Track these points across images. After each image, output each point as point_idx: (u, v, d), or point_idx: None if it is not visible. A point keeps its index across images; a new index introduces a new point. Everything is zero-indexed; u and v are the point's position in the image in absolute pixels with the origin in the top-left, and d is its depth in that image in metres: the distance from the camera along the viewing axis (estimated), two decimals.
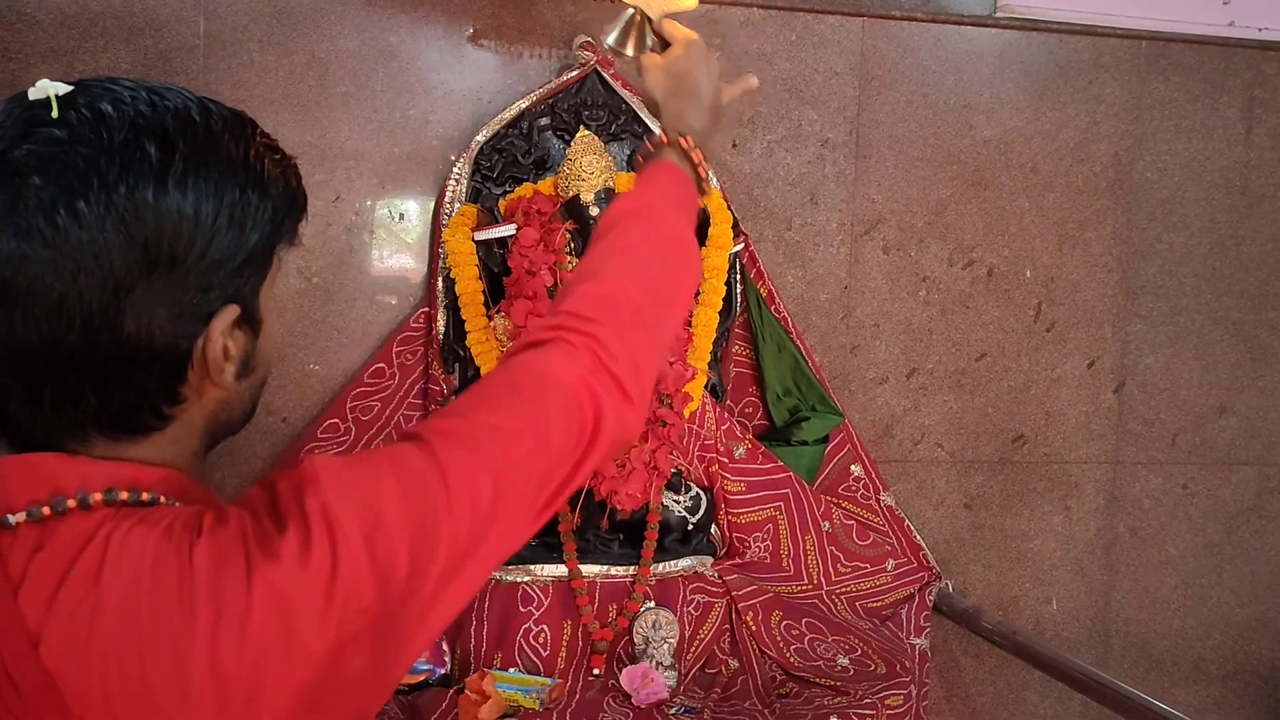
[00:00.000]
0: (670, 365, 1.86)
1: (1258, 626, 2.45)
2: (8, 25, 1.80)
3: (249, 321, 0.73)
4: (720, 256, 1.94)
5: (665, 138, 1.05)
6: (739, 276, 2.03)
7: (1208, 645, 2.43)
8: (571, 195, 1.85)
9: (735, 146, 2.09)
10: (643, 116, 1.99)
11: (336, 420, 1.91)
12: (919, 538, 2.12)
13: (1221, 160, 2.33)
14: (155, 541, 0.64)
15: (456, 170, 1.94)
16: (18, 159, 0.63)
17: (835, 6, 2.11)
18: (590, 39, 1.96)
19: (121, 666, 0.61)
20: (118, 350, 0.66)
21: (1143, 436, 2.35)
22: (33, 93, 0.66)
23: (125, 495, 0.67)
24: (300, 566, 0.63)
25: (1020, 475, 2.29)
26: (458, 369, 1.94)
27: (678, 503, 1.91)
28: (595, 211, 1.84)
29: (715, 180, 2.01)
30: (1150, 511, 2.37)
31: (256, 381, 0.78)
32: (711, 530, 1.97)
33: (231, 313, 0.70)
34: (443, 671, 1.79)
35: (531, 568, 1.83)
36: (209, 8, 1.87)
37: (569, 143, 1.91)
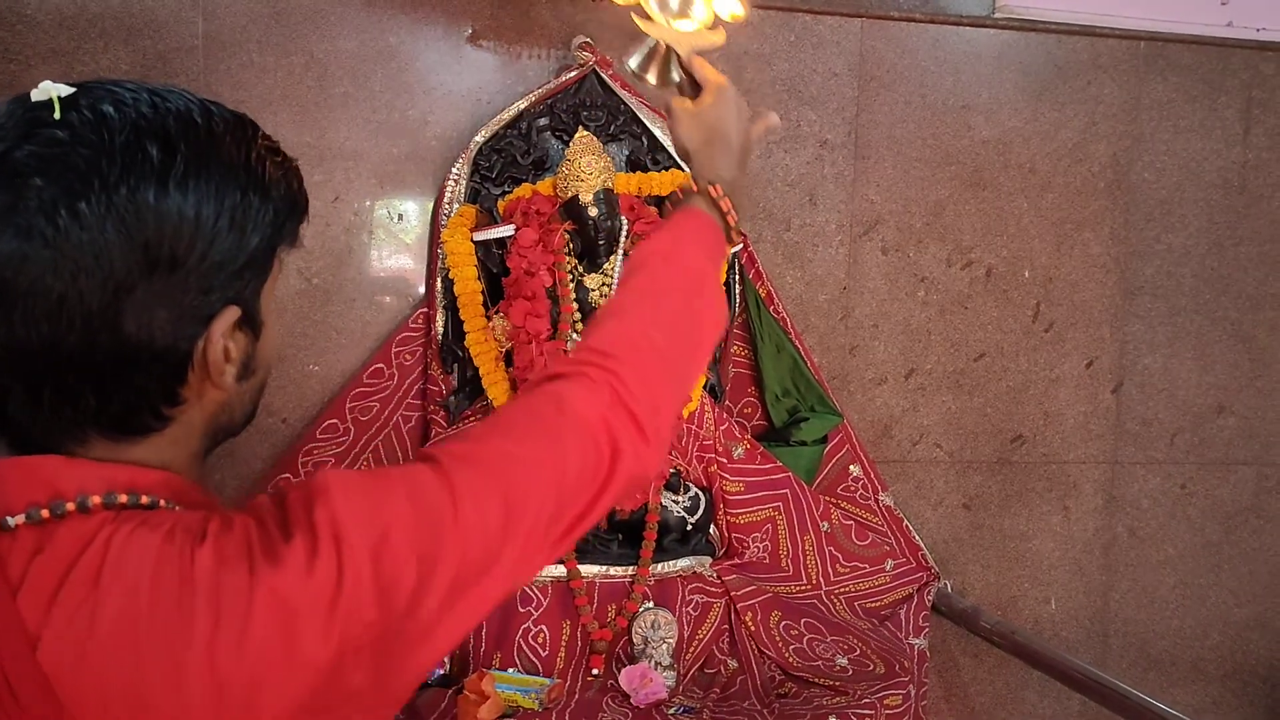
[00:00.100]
0: None
1: (1256, 626, 2.45)
2: (8, 26, 1.80)
3: (249, 323, 0.73)
4: None
5: (695, 186, 1.04)
6: (738, 277, 2.04)
7: (1206, 645, 2.43)
8: (570, 196, 1.85)
9: None
10: (641, 117, 1.99)
11: (336, 421, 1.91)
12: (918, 538, 2.12)
13: (1219, 160, 2.34)
14: (157, 545, 0.64)
15: (455, 171, 1.94)
16: (19, 159, 0.63)
17: (834, 7, 2.11)
18: (589, 40, 1.96)
19: (119, 670, 0.61)
20: (117, 351, 0.66)
21: (1141, 436, 2.35)
22: (35, 94, 0.66)
23: (124, 498, 0.67)
24: (305, 575, 0.63)
25: (1019, 475, 2.29)
26: (456, 369, 1.94)
27: (676, 503, 1.91)
28: (594, 212, 1.84)
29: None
30: (1148, 511, 2.37)
31: (257, 384, 0.78)
32: (710, 530, 1.97)
33: (232, 314, 0.70)
34: (441, 672, 1.79)
35: None
36: (208, 9, 1.87)
37: (568, 143, 1.91)
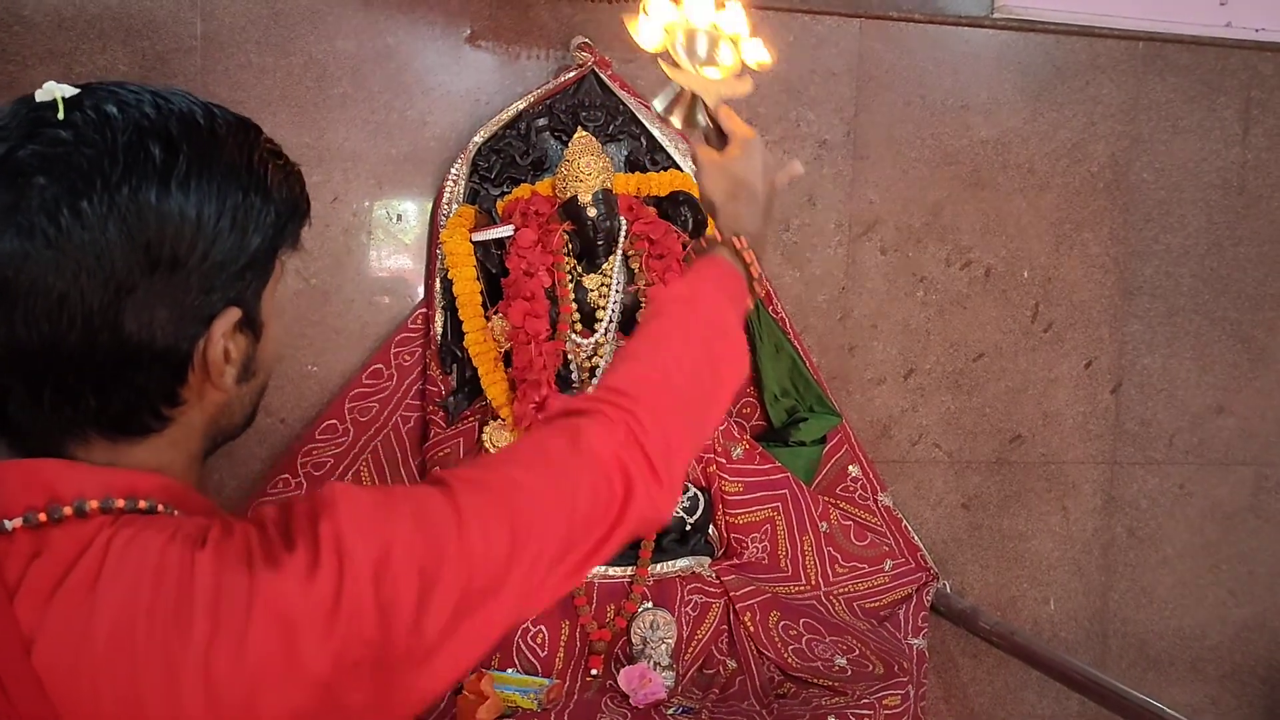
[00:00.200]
0: None
1: (1255, 626, 2.45)
2: (5, 28, 1.79)
3: (250, 325, 0.73)
4: None
5: (720, 236, 1.04)
6: None
7: (1205, 645, 2.43)
8: (569, 196, 1.85)
9: None
10: (640, 117, 1.98)
11: (334, 421, 1.91)
12: (916, 538, 2.12)
13: (1218, 161, 2.34)
14: (157, 550, 0.64)
15: (454, 171, 1.94)
16: (22, 159, 0.63)
17: (833, 7, 2.11)
18: (587, 40, 1.96)
19: (114, 675, 0.61)
20: (118, 350, 0.66)
21: (1140, 437, 2.35)
22: (39, 95, 0.66)
23: (121, 503, 0.67)
24: (305, 584, 0.63)
25: (1018, 475, 2.30)
26: (455, 370, 1.94)
27: (675, 503, 1.91)
28: (593, 212, 1.84)
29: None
30: (1147, 511, 2.37)
31: (257, 386, 0.78)
32: (709, 531, 1.97)
33: (233, 315, 0.71)
34: None
35: None
36: (206, 9, 1.87)
37: (566, 144, 1.91)
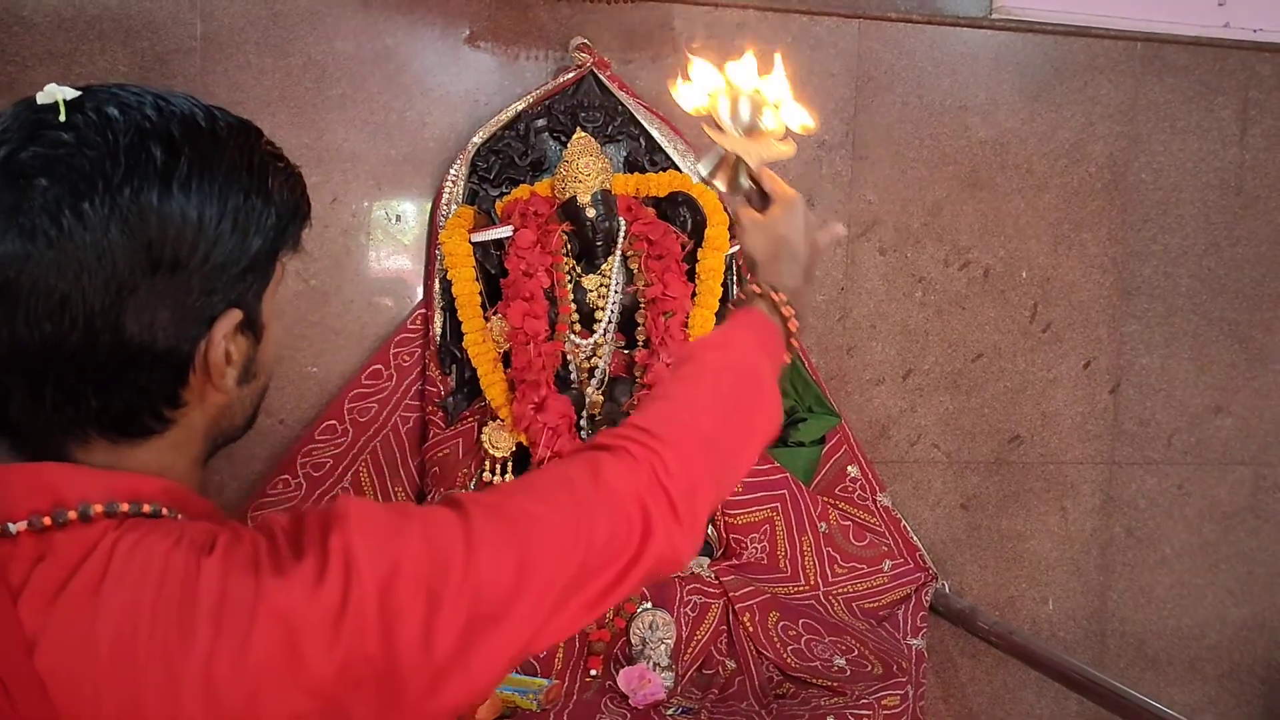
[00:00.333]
0: (666, 366, 1.86)
1: (1253, 626, 2.45)
2: (5, 29, 1.79)
3: (251, 327, 0.74)
4: (717, 258, 1.94)
5: (758, 289, 1.05)
6: (735, 278, 2.04)
7: (1203, 645, 2.44)
8: (568, 197, 1.85)
9: None
10: (639, 118, 1.99)
11: (334, 422, 1.91)
12: (915, 538, 2.12)
13: (1216, 161, 2.34)
14: (161, 555, 0.64)
15: (453, 172, 1.94)
16: (24, 160, 0.64)
17: (831, 8, 2.12)
18: (586, 41, 1.96)
19: (116, 678, 0.61)
20: (119, 351, 0.66)
21: (1138, 437, 2.36)
22: (40, 97, 0.66)
23: (126, 507, 0.67)
24: (310, 592, 0.63)
25: (1016, 476, 2.30)
26: (454, 370, 1.94)
27: None
28: (592, 213, 1.85)
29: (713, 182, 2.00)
30: (1146, 511, 2.37)
31: (258, 388, 0.78)
32: (708, 531, 1.97)
33: (234, 317, 0.71)
34: None
35: None
36: (205, 10, 1.87)
37: (565, 144, 1.91)
